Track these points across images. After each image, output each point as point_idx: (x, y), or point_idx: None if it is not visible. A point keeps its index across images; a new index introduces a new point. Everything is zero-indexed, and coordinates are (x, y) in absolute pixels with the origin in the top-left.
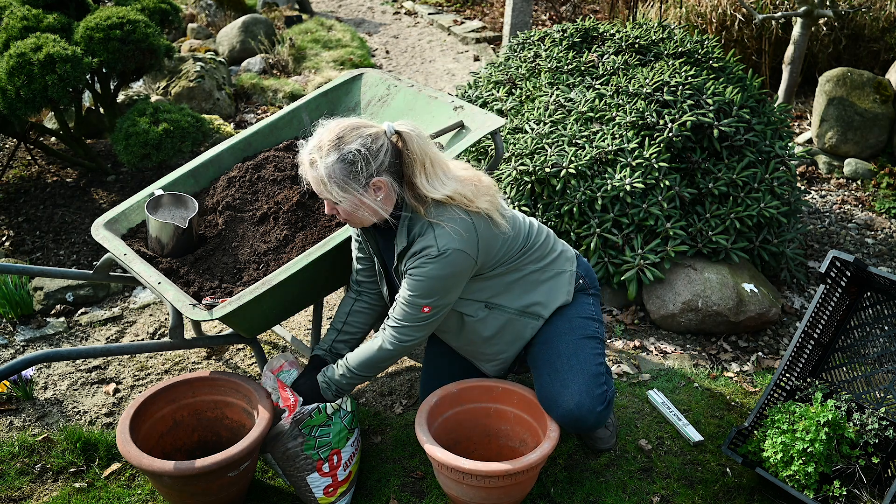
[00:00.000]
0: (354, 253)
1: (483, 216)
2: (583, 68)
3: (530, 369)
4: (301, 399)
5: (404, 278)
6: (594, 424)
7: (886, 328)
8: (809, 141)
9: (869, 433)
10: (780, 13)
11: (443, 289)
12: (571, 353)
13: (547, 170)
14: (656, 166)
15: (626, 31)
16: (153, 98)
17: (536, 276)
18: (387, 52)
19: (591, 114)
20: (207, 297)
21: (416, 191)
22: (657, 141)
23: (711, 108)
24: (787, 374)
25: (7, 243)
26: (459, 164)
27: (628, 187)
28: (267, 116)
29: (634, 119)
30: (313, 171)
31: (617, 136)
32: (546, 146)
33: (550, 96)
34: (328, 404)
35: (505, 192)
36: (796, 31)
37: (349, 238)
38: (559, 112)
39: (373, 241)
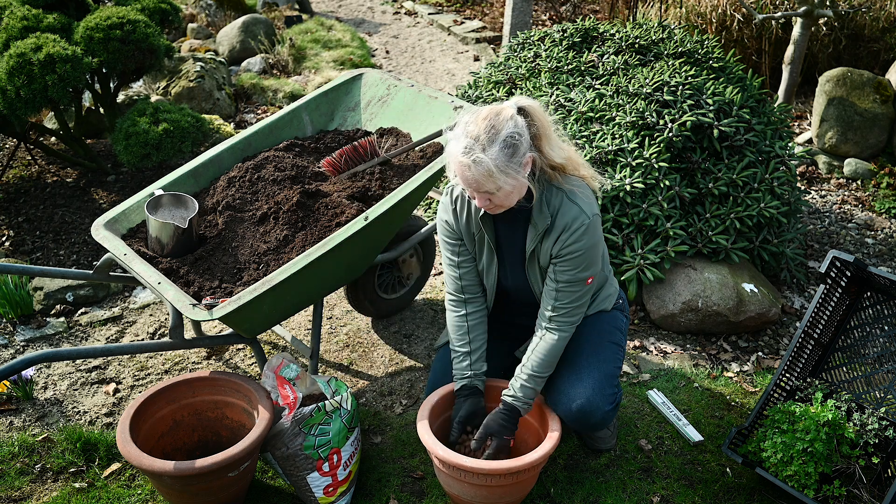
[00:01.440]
0: (448, 261)
1: (590, 183)
2: (583, 68)
3: None
4: (301, 395)
5: (560, 261)
6: (599, 423)
7: (886, 328)
8: (809, 141)
9: (869, 433)
10: (780, 13)
11: (597, 254)
12: (592, 351)
13: None
14: (656, 166)
15: (626, 31)
16: (153, 98)
17: (602, 277)
18: (387, 52)
19: (591, 114)
20: (207, 297)
21: (549, 158)
22: (657, 141)
23: (711, 108)
24: (787, 374)
25: (7, 243)
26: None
27: (628, 187)
28: (267, 116)
29: (634, 119)
30: (477, 168)
31: (617, 136)
32: None
33: (550, 96)
34: (327, 402)
35: None
36: (796, 31)
37: (349, 238)
38: (559, 112)
39: (491, 229)
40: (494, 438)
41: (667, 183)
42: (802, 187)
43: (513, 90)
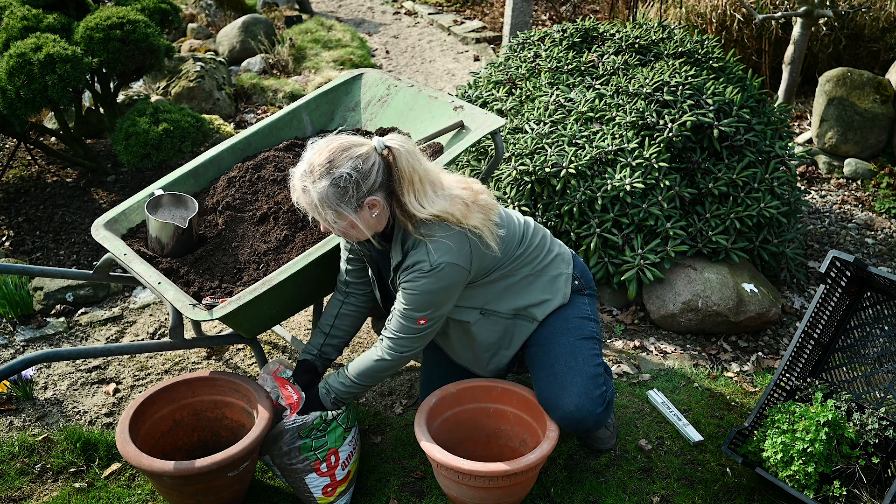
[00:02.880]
0: (343, 254)
1: (474, 234)
2: (583, 68)
3: (528, 370)
4: (304, 396)
5: (398, 291)
6: (594, 426)
7: (886, 328)
8: (809, 141)
9: (869, 433)
10: (780, 13)
11: (437, 302)
12: (569, 354)
13: (547, 170)
14: (656, 166)
15: (626, 31)
16: (153, 98)
17: (531, 279)
18: (387, 52)
19: (591, 114)
20: (207, 297)
21: (404, 208)
22: (657, 141)
23: (711, 108)
24: (787, 374)
25: (7, 243)
26: (455, 179)
27: (628, 187)
28: (267, 116)
29: (634, 119)
30: (306, 197)
31: (617, 136)
32: (546, 146)
33: (550, 96)
34: (329, 412)
35: (505, 192)
36: (796, 31)
37: None
38: (559, 112)
39: (365, 249)
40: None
41: (667, 183)
42: (802, 187)
43: (513, 90)
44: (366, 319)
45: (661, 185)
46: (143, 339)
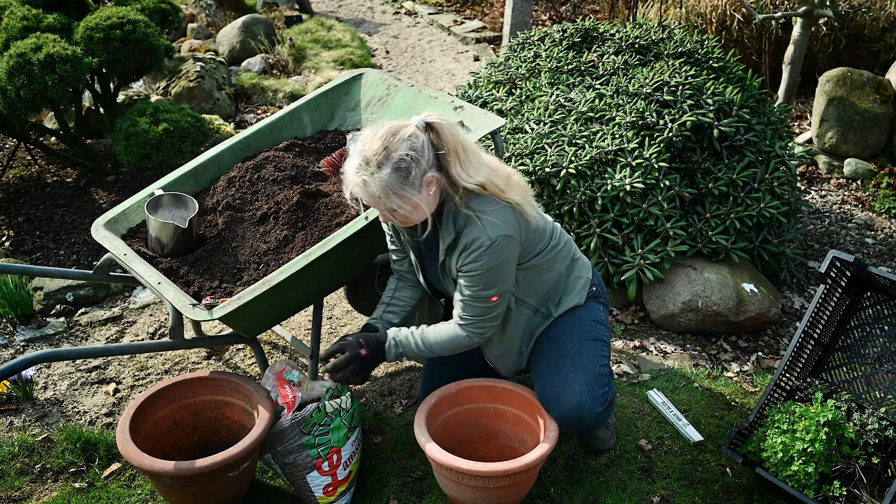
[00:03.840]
0: (389, 246)
1: (517, 208)
2: (583, 68)
3: (531, 367)
4: (300, 395)
5: (461, 276)
6: (593, 425)
7: (886, 328)
8: (809, 141)
9: (869, 433)
10: (780, 13)
11: (502, 276)
12: (576, 352)
13: (547, 170)
14: (656, 166)
15: (626, 31)
16: (153, 98)
17: (558, 276)
18: (387, 52)
19: (591, 114)
20: (207, 297)
21: (452, 180)
22: (657, 141)
23: (711, 108)
24: (787, 374)
25: (7, 243)
26: (490, 157)
27: (628, 187)
28: (267, 116)
29: (634, 119)
30: (367, 190)
31: (617, 136)
32: (546, 146)
33: (550, 96)
34: (328, 403)
35: None
36: (796, 31)
37: (349, 238)
38: (559, 112)
39: (409, 236)
40: (346, 350)
41: (667, 183)
42: (802, 187)
43: (513, 90)
44: (425, 296)
45: (661, 185)
46: (143, 339)
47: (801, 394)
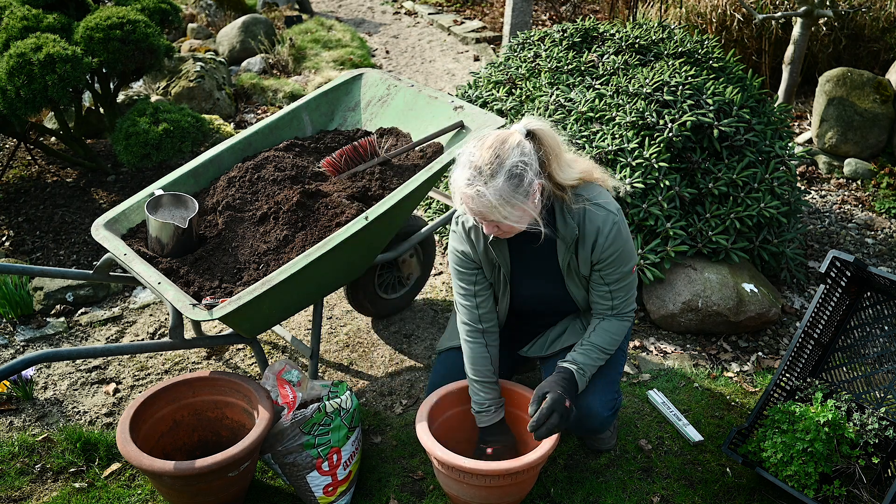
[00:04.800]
0: (464, 291)
1: (610, 189)
2: (583, 68)
3: (540, 363)
4: (300, 395)
5: (602, 266)
6: (598, 428)
7: (886, 328)
8: (809, 141)
9: (869, 433)
10: (780, 13)
11: (632, 244)
12: None
13: None
14: (656, 166)
15: (626, 31)
16: (153, 98)
17: None
18: (387, 52)
19: (591, 114)
20: (207, 297)
21: (556, 181)
22: (657, 141)
23: (711, 108)
24: (787, 374)
25: (7, 243)
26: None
27: (628, 187)
28: (267, 116)
29: (634, 119)
30: (481, 200)
31: (617, 136)
32: None
33: (550, 96)
34: (328, 403)
35: None
36: (796, 31)
37: (349, 238)
38: (559, 112)
39: (504, 251)
40: (549, 395)
41: (667, 183)
42: (802, 187)
43: (513, 90)
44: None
45: (661, 185)
46: (143, 339)
47: (801, 394)
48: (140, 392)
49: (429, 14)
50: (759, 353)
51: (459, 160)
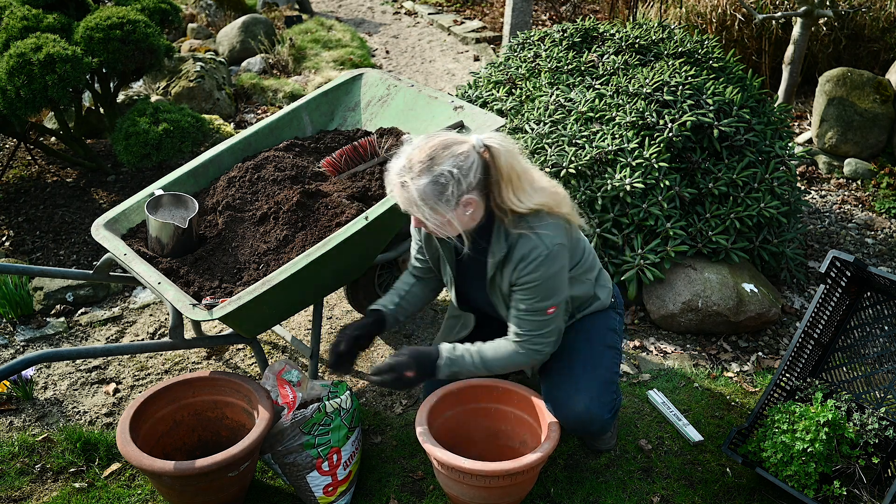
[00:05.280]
0: (414, 252)
1: (567, 221)
2: (583, 68)
3: (540, 368)
4: (300, 395)
5: (517, 290)
6: (598, 430)
7: (886, 328)
8: (809, 141)
9: (869, 433)
10: (780, 13)
11: (559, 285)
12: (589, 358)
13: (547, 170)
14: (656, 166)
15: (626, 31)
16: (153, 98)
17: (590, 287)
18: (387, 52)
19: (591, 114)
20: (207, 297)
21: (502, 204)
22: (657, 141)
23: (711, 108)
24: (787, 374)
25: (7, 243)
26: (540, 174)
27: (628, 187)
28: (267, 116)
29: (634, 119)
30: (404, 192)
31: (617, 136)
32: (546, 146)
33: (550, 96)
34: (328, 403)
35: None
36: (796, 31)
37: (349, 238)
38: (559, 112)
39: (446, 249)
40: (398, 356)
41: (667, 183)
42: (802, 187)
43: (513, 90)
44: (432, 300)
45: (661, 185)
46: (143, 339)
47: (801, 394)
48: (140, 392)
49: (429, 14)
50: (759, 353)
51: (404, 148)
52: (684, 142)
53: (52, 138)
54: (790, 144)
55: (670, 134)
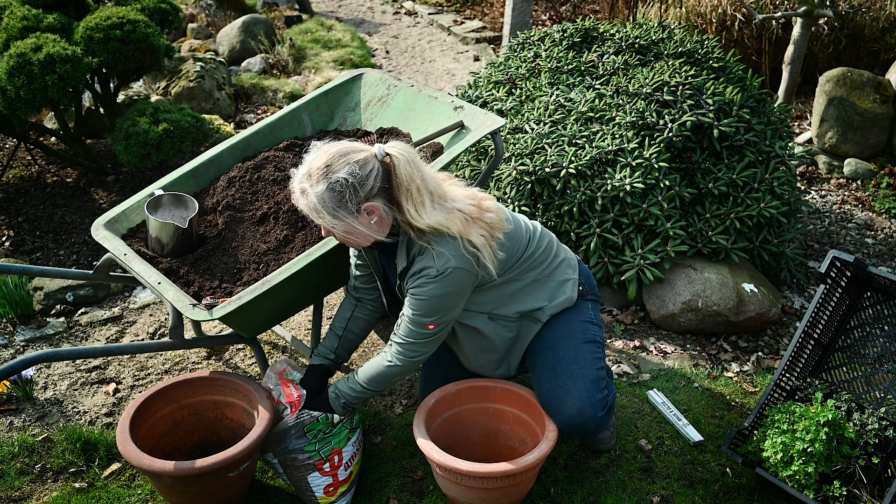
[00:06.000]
0: (352, 260)
1: (471, 250)
2: (583, 68)
3: (530, 373)
4: (305, 393)
5: (407, 297)
6: (595, 430)
7: (886, 328)
8: (809, 141)
9: (869, 433)
10: (780, 13)
11: (446, 306)
12: (572, 358)
13: (547, 170)
14: (656, 166)
15: (626, 31)
16: (153, 98)
17: (538, 284)
18: (387, 52)
19: (591, 114)
20: (207, 297)
21: (404, 215)
22: (657, 141)
23: (711, 108)
24: (787, 374)
25: (7, 243)
26: (464, 193)
27: (628, 187)
28: (267, 116)
29: (634, 119)
30: (304, 200)
31: (617, 136)
32: (546, 146)
33: (550, 96)
34: (335, 415)
35: (505, 193)
36: (796, 31)
37: None
38: (559, 112)
39: (371, 255)
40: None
41: (667, 183)
42: (802, 187)
43: (513, 90)
44: (377, 322)
45: (661, 185)
46: (143, 339)
47: (801, 394)
48: (140, 392)
49: (429, 14)
50: (759, 353)
51: (306, 155)
52: (684, 142)
53: (52, 138)
54: (790, 144)
55: (670, 134)
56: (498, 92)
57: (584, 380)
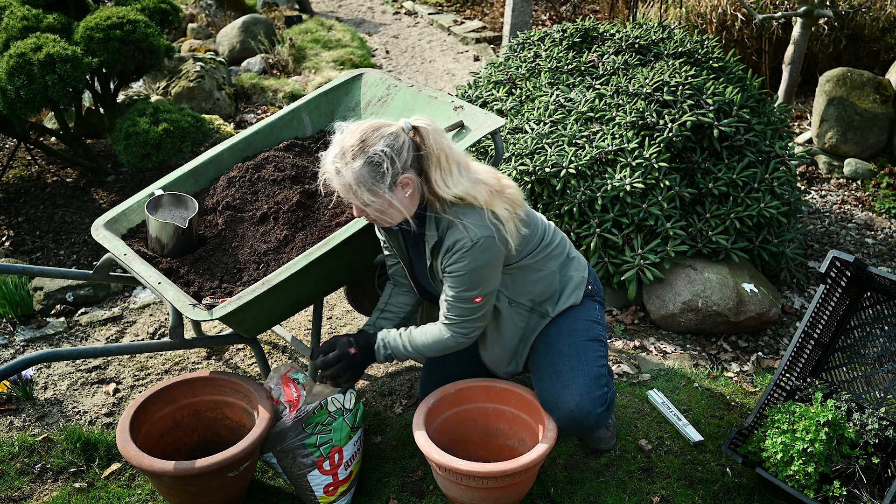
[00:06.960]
0: (385, 251)
1: (496, 220)
2: (583, 68)
3: (530, 369)
4: (304, 394)
5: (445, 277)
6: (594, 426)
7: (886, 328)
8: (809, 141)
9: (869, 433)
10: (780, 13)
11: (486, 276)
12: (573, 354)
13: (547, 170)
14: (656, 166)
15: (626, 31)
16: (153, 98)
17: (553, 276)
18: (387, 52)
19: (591, 114)
20: (207, 297)
21: (432, 186)
22: (657, 141)
23: (711, 108)
24: (787, 374)
25: (7, 243)
26: (485, 168)
27: (628, 187)
28: (267, 116)
29: (634, 119)
30: (340, 179)
31: (617, 136)
32: (546, 146)
33: (550, 96)
34: (330, 401)
35: None
36: (796, 31)
37: (349, 238)
38: (559, 112)
39: (395, 240)
40: (337, 348)
41: (667, 183)
42: (802, 187)
43: (513, 90)
44: (420, 302)
45: (661, 185)
46: (143, 339)
47: (801, 394)
48: (140, 392)
49: (429, 14)
50: (759, 353)
51: (334, 138)
52: (684, 142)
53: (52, 138)
54: (790, 144)
55: (670, 134)
56: (498, 92)
57: (584, 376)
